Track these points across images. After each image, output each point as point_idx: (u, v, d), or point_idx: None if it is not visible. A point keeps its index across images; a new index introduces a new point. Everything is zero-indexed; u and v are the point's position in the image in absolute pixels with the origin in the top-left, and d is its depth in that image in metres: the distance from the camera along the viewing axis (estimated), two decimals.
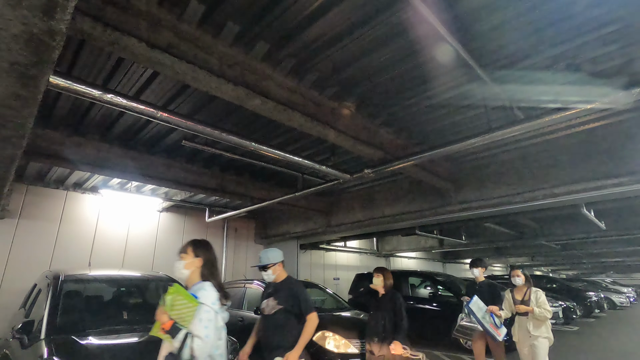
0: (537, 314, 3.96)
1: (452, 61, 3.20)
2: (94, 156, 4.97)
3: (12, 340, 3.66)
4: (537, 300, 4.08)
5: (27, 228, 6.61)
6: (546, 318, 3.98)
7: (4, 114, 2.63)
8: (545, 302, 4.05)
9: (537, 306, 4.02)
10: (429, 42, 2.96)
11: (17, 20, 1.70)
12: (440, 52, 3.10)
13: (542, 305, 4.01)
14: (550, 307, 4.04)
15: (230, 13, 2.76)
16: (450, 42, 2.77)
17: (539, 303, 4.04)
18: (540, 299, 4.07)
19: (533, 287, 4.25)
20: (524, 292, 4.24)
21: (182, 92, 3.85)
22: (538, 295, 4.13)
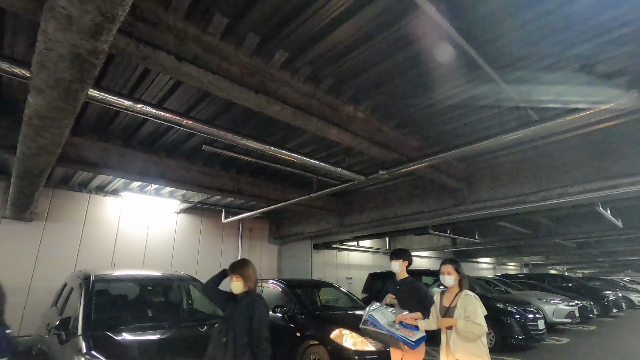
0: (461, 328, 2.76)
1: (465, 65, 3.29)
2: (118, 161, 5.19)
3: (48, 337, 3.90)
4: (465, 308, 2.83)
5: (53, 230, 6.91)
6: (475, 336, 2.76)
7: (43, 125, 2.82)
8: (478, 312, 2.79)
9: (465, 317, 2.79)
10: (442, 47, 3.04)
11: (66, 42, 1.87)
12: (453, 56, 3.18)
13: (472, 316, 2.77)
14: (483, 322, 2.76)
15: (251, 25, 2.89)
16: (464, 47, 2.86)
17: (467, 313, 2.80)
18: (469, 307, 2.82)
19: (467, 289, 2.99)
20: (454, 296, 2.97)
21: (203, 99, 4.02)
22: (468, 301, 2.86)
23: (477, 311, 2.80)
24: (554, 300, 9.32)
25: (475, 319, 2.77)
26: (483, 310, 2.85)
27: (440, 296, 3.14)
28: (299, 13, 2.76)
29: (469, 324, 2.76)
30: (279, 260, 10.59)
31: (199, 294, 4.94)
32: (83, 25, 1.74)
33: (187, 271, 5.94)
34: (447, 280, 3.03)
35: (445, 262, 3.13)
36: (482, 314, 2.82)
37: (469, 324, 2.76)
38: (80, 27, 1.76)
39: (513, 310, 7.07)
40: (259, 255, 10.10)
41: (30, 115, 2.66)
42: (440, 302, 3.08)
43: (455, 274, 3.03)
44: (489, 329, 6.85)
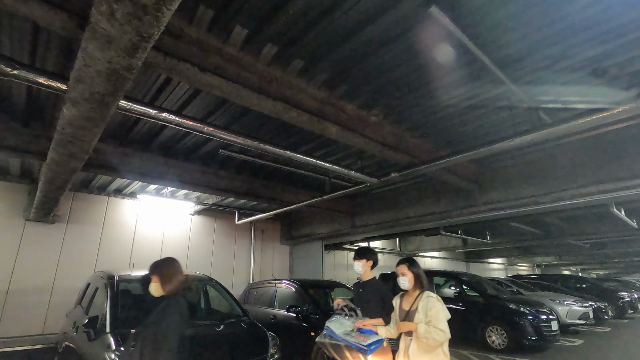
0: (421, 334, 2.47)
1: (477, 69, 3.35)
2: (138, 165, 5.38)
3: (76, 335, 4.08)
4: (426, 312, 2.58)
5: (74, 232, 7.15)
6: (437, 342, 2.49)
7: (75, 134, 2.99)
8: (440, 316, 2.53)
9: (426, 321, 2.54)
10: (455, 53, 3.11)
11: (104, 59, 2.01)
12: (465, 62, 3.25)
13: (433, 320, 2.52)
14: (445, 327, 2.50)
15: (269, 36, 3.01)
16: (476, 53, 2.93)
17: (428, 317, 2.55)
18: (431, 311, 2.56)
19: (428, 290, 2.75)
20: (415, 298, 2.71)
21: (220, 106, 4.16)
22: (430, 304, 2.60)
23: (439, 315, 2.54)
24: (567, 302, 9.25)
25: (437, 324, 2.50)
26: (446, 314, 2.60)
27: (399, 299, 2.85)
28: (316, 24, 2.87)
29: (430, 329, 2.48)
30: (291, 260, 10.73)
31: (215, 294, 5.09)
32: (121, 45, 1.88)
33: (202, 272, 6.12)
34: (401, 282, 2.80)
35: (399, 263, 2.89)
36: (444, 318, 2.56)
37: (431, 329, 2.48)
38: (118, 46, 1.90)
39: (526, 311, 7.07)
40: (271, 256, 10.25)
41: (64, 125, 2.82)
42: (400, 305, 2.81)
43: (410, 274, 2.77)
44: (502, 330, 6.97)
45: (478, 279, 8.88)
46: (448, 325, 2.55)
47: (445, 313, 2.60)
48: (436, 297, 2.65)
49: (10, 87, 3.77)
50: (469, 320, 7.54)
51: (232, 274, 9.22)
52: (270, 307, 6.34)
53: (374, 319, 2.91)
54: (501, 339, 7.01)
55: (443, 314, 2.57)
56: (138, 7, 1.63)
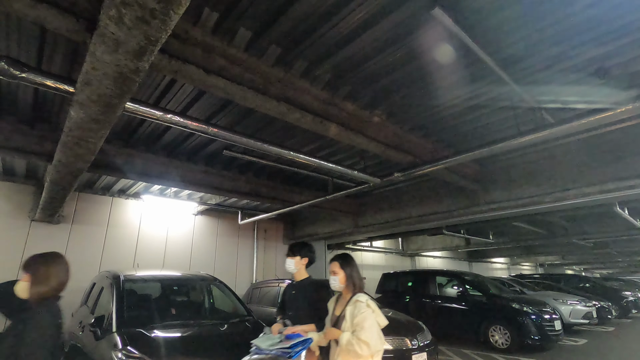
0: (343, 345, 2.14)
1: (479, 70, 3.37)
2: (142, 166, 5.41)
3: (82, 334, 4.12)
4: (352, 318, 2.21)
5: (79, 232, 7.21)
6: (358, 355, 2.10)
7: (82, 136, 3.03)
8: (366, 324, 2.13)
9: (352, 328, 2.17)
10: (458, 54, 3.13)
11: (112, 62, 2.05)
12: (468, 62, 3.27)
13: (358, 329, 2.13)
14: (372, 338, 2.10)
15: (273, 38, 3.03)
16: (479, 54, 2.94)
17: (354, 323, 2.17)
18: (357, 318, 2.17)
19: (361, 292, 2.37)
20: (347, 302, 2.34)
21: (224, 107, 4.19)
22: (357, 309, 2.22)
23: (365, 323, 2.12)
24: (570, 301, 9.25)
25: (360, 334, 2.09)
26: (381, 321, 2.24)
27: (335, 302, 2.51)
28: (319, 26, 2.89)
29: (352, 341, 2.09)
30: None
31: (220, 293, 5.13)
32: (129, 48, 1.91)
33: (205, 271, 6.15)
34: (331, 281, 2.44)
35: (331, 259, 2.54)
36: (373, 327, 2.14)
37: (354, 340, 2.09)
38: (126, 50, 1.93)
39: (529, 311, 7.08)
40: (274, 256, 10.29)
41: (71, 127, 2.86)
42: (334, 309, 2.47)
43: (342, 273, 2.41)
44: (505, 329, 6.97)
45: (481, 279, 8.89)
46: (379, 335, 2.17)
47: (381, 320, 2.23)
48: (366, 302, 2.24)
49: (17, 89, 3.81)
50: (472, 319, 7.56)
51: (235, 273, 9.26)
52: (273, 306, 6.37)
53: (305, 325, 2.56)
54: (504, 338, 7.03)
55: (370, 322, 2.15)
56: (146, 12, 1.66)
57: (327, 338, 2.36)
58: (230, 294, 4.86)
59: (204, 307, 4.87)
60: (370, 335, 2.11)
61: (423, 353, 4.80)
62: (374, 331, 2.15)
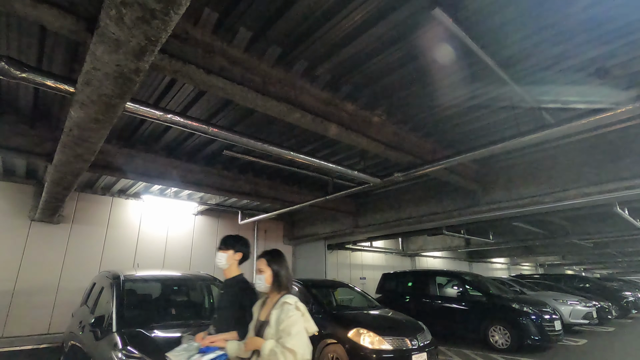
0: (264, 355, 1.82)
1: (480, 70, 3.37)
2: (142, 165, 5.42)
3: (82, 334, 4.12)
4: (278, 323, 1.89)
5: (79, 232, 7.21)
6: None
7: (82, 136, 3.03)
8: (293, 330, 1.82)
9: (278, 335, 1.85)
10: (457, 54, 3.13)
11: (112, 62, 2.05)
12: (468, 63, 3.27)
13: (284, 335, 1.82)
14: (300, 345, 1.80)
15: (274, 38, 3.04)
16: (479, 54, 2.95)
17: (280, 329, 1.85)
18: (284, 323, 1.85)
19: (290, 294, 2.04)
20: (273, 304, 2.01)
21: (224, 107, 4.19)
22: (285, 312, 1.89)
23: (293, 329, 1.83)
24: (570, 301, 9.24)
25: (286, 341, 1.79)
26: (310, 327, 1.93)
27: (260, 306, 2.13)
28: (319, 26, 2.90)
29: (277, 350, 1.78)
30: (294, 260, 10.76)
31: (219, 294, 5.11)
32: (129, 48, 1.91)
33: (205, 271, 6.14)
34: (257, 281, 2.11)
35: (259, 256, 2.19)
36: (301, 333, 1.85)
37: (278, 348, 1.79)
38: (126, 50, 1.93)
39: (529, 311, 7.07)
40: None
41: (71, 126, 2.86)
42: (258, 314, 2.09)
43: (269, 271, 2.07)
44: (505, 329, 6.98)
45: (481, 279, 8.88)
46: (307, 344, 1.86)
47: (302, 327, 1.88)
48: (294, 304, 1.93)
49: (18, 89, 3.82)
50: (472, 319, 7.55)
51: None
52: None
53: (227, 333, 2.22)
54: (504, 338, 7.02)
55: (298, 327, 1.85)
56: (147, 12, 1.66)
57: (248, 349, 1.97)
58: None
59: (204, 307, 4.86)
60: (297, 342, 1.79)
61: (423, 353, 4.79)
62: (302, 338, 1.85)
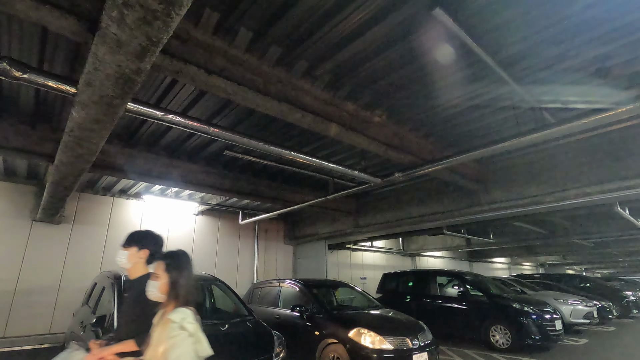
0: None
1: (480, 69, 3.37)
2: (143, 166, 5.42)
3: (83, 334, 4.13)
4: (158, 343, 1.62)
5: (80, 232, 7.22)
6: None
7: (83, 136, 3.03)
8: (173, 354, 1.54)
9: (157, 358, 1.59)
10: (458, 54, 3.13)
11: (114, 63, 2.05)
12: (468, 62, 3.27)
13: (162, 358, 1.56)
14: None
15: (274, 38, 3.04)
16: (480, 54, 2.95)
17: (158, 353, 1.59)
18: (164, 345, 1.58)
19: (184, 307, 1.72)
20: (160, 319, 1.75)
21: (225, 107, 4.20)
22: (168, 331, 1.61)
23: (172, 353, 1.53)
24: (571, 301, 9.23)
25: None
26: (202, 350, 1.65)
27: (159, 317, 1.77)
28: (320, 27, 2.90)
29: None
30: (294, 260, 10.76)
31: (220, 293, 5.13)
32: (131, 49, 1.92)
33: (206, 271, 6.16)
34: (150, 289, 1.78)
35: (158, 258, 1.86)
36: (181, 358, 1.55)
37: None
38: (128, 50, 1.93)
39: (529, 311, 7.07)
40: (275, 256, 10.29)
41: (72, 127, 2.87)
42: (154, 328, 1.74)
43: (166, 278, 1.74)
44: (506, 329, 6.98)
45: (481, 279, 8.88)
46: None
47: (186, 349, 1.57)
48: (179, 322, 1.61)
49: (19, 89, 3.82)
50: (473, 319, 7.55)
51: (236, 273, 9.26)
52: (274, 306, 6.37)
53: (122, 343, 1.95)
54: (505, 338, 7.02)
55: (179, 351, 1.54)
56: (148, 12, 1.67)
57: None
58: (232, 294, 4.86)
59: (205, 307, 4.87)
60: None
61: (424, 353, 4.79)
62: None
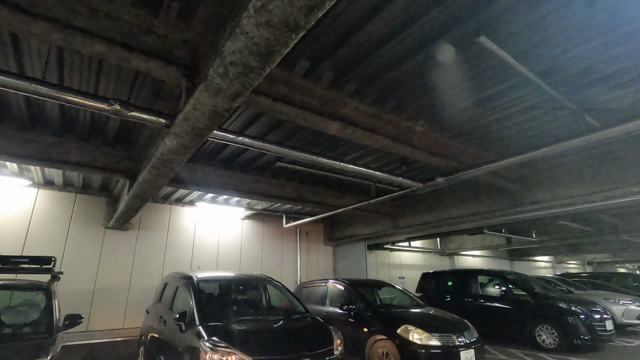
0: None
1: (521, 82, 3.56)
2: (202, 177, 6.02)
3: (164, 327, 4.72)
4: None
5: (144, 238, 8.02)
6: None
7: (171, 159, 3.57)
8: None
9: None
10: (498, 70, 3.35)
11: (211, 104, 2.52)
12: (509, 76, 3.48)
13: None
14: None
15: (329, 65, 3.42)
16: (519, 68, 3.16)
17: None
18: None
19: None
20: None
21: (278, 125, 4.64)
22: None
23: None
24: (623, 301, 8.92)
25: None
26: None
27: None
28: (371, 53, 3.24)
29: None
30: (334, 261, 11.16)
31: (274, 292, 5.60)
32: (227, 94, 2.37)
33: (255, 272, 6.68)
34: None
35: None
36: None
37: None
38: (224, 95, 2.39)
39: (577, 310, 6.98)
40: (316, 257, 10.74)
41: (162, 152, 3.40)
42: None
43: None
44: (552, 329, 6.95)
45: (525, 278, 8.80)
46: None
47: None
48: None
49: (108, 119, 4.47)
50: (517, 319, 7.55)
51: (281, 274, 9.80)
52: (321, 305, 6.78)
53: None
54: (552, 338, 6.99)
55: None
56: (247, 68, 2.10)
57: None
58: (288, 293, 5.31)
59: (262, 305, 5.36)
60: None
61: (471, 350, 4.99)
62: None
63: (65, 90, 2.70)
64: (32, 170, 6.30)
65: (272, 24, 1.74)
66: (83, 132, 4.84)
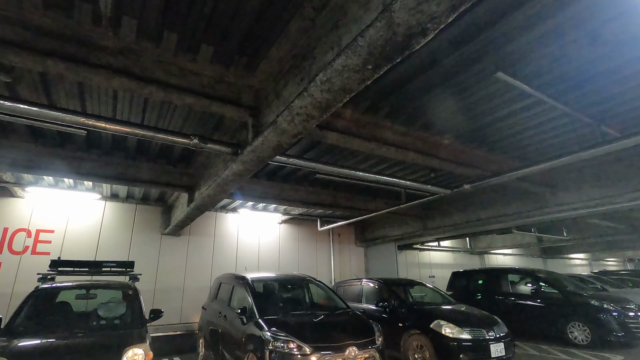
0: None
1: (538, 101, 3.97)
2: (248, 189, 6.75)
3: (225, 321, 5.46)
4: None
5: (194, 242, 8.91)
6: None
7: (234, 179, 4.27)
8: None
9: None
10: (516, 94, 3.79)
11: (275, 140, 3.16)
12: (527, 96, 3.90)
13: None
14: None
15: (366, 96, 3.98)
16: (534, 94, 3.59)
17: None
18: None
19: None
20: None
21: (315, 145, 5.26)
22: None
23: None
24: None
25: None
26: None
27: None
28: (402, 86, 3.78)
29: None
30: (366, 261, 11.69)
31: (315, 289, 6.24)
32: (290, 134, 3.00)
33: (293, 272, 7.32)
34: None
35: None
36: None
37: None
38: (288, 135, 3.02)
39: (610, 307, 7.14)
40: (348, 257, 11.33)
41: (229, 174, 4.10)
42: None
43: None
44: (584, 326, 7.15)
45: (556, 276, 8.95)
46: None
47: None
48: None
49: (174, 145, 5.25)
50: (548, 316, 7.78)
51: (317, 273, 10.44)
52: (357, 302, 7.36)
53: None
54: (584, 335, 7.19)
55: None
56: (309, 117, 2.72)
57: None
58: (329, 291, 5.94)
59: (309, 301, 6.01)
60: None
61: (500, 343, 5.40)
62: None
63: (159, 131, 3.44)
64: (102, 185, 7.28)
65: (332, 90, 2.34)
66: (153, 154, 5.67)
